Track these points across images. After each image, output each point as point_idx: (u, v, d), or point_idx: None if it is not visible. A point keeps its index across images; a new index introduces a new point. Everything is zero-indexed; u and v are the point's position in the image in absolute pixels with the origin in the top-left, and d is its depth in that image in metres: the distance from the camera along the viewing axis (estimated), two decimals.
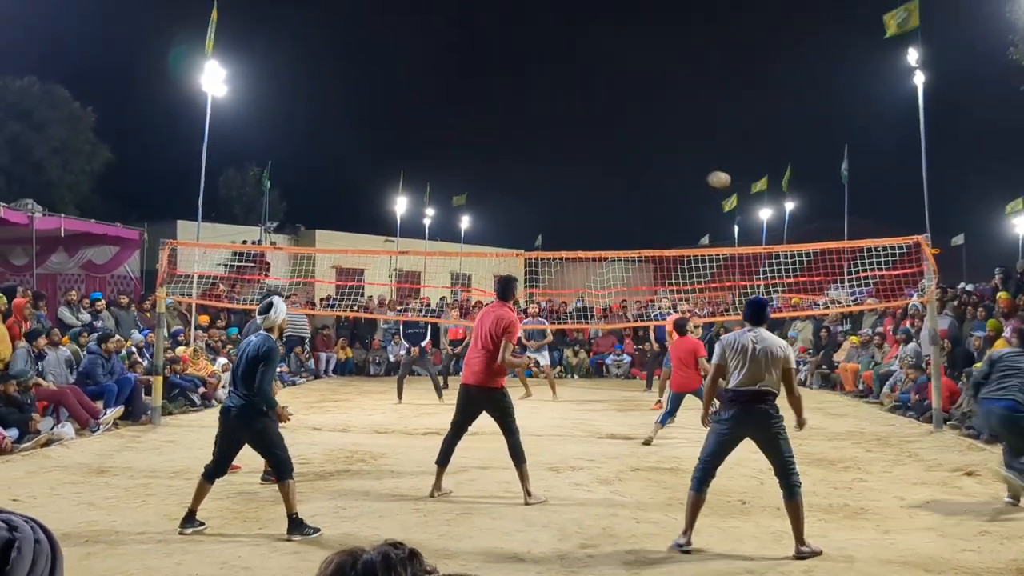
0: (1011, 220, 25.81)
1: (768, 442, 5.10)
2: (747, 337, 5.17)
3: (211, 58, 13.84)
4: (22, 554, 1.12)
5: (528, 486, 6.35)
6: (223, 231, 25.46)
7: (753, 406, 5.05)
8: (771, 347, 5.12)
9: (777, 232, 28.70)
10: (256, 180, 34.23)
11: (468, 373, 6.57)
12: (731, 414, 5.10)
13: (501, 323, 6.43)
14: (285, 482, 5.43)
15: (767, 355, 5.07)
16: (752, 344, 5.11)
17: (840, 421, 11.08)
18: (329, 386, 15.93)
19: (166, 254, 11.10)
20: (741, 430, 5.13)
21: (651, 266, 15.83)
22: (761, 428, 5.08)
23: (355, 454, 8.32)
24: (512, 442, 6.41)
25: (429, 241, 29.48)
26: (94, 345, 10.51)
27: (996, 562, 4.85)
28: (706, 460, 5.17)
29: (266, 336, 5.68)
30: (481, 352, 6.47)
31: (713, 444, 5.16)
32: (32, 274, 14.79)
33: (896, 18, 13.06)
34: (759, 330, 5.24)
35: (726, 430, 5.12)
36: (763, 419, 5.06)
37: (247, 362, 5.56)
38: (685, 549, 5.01)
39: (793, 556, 4.92)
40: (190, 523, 5.44)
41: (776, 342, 5.20)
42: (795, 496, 5.02)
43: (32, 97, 28.16)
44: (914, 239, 10.69)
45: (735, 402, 5.10)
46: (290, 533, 5.31)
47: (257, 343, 5.63)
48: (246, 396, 5.51)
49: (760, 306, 5.39)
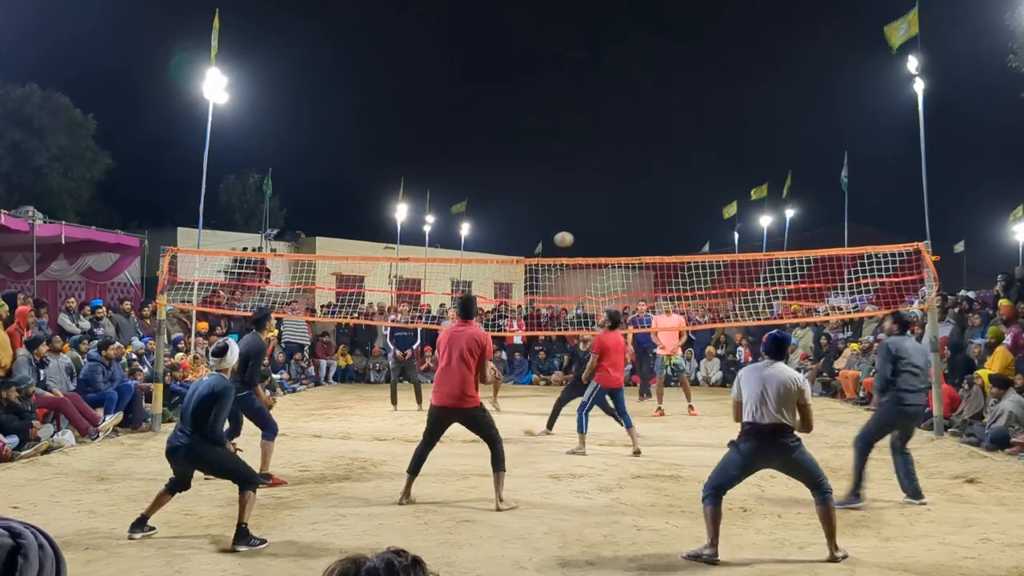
0: (1012, 227, 25.83)
1: (791, 468, 5.18)
2: (763, 372, 5.17)
3: (213, 65, 13.88)
4: (29, 560, 1.13)
5: (501, 492, 6.38)
6: (224, 238, 25.49)
7: (769, 440, 5.04)
8: (785, 382, 5.09)
9: (778, 239, 28.74)
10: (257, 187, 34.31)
11: (444, 395, 6.47)
12: (748, 447, 5.09)
13: (479, 341, 6.46)
14: (247, 493, 5.33)
15: (781, 390, 5.05)
16: (765, 378, 5.11)
17: (841, 428, 11.06)
18: (329, 393, 15.92)
19: (166, 261, 11.10)
20: (758, 462, 5.17)
21: (651, 273, 15.83)
22: (779, 459, 5.14)
23: (355, 461, 8.31)
24: (495, 451, 6.46)
25: (429, 248, 29.50)
26: (94, 352, 10.51)
27: (997, 570, 4.84)
28: (718, 481, 5.16)
29: (220, 376, 5.57)
30: (458, 370, 6.43)
31: (727, 469, 5.16)
32: (33, 281, 14.79)
33: (898, 30, 13.08)
34: (777, 364, 5.23)
35: (742, 461, 5.13)
36: (780, 451, 5.08)
37: (198, 400, 5.41)
38: (712, 560, 4.98)
39: (827, 559, 4.98)
40: (140, 528, 5.41)
41: (790, 376, 5.17)
42: (827, 502, 5.07)
43: (33, 104, 28.22)
44: (914, 246, 10.70)
45: (751, 436, 5.08)
46: (235, 543, 5.21)
47: (211, 383, 5.49)
48: (193, 435, 5.38)
49: (782, 342, 5.40)
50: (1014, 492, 6.96)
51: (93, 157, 30.40)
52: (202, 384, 5.53)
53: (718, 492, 5.15)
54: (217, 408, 5.36)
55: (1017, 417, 9.04)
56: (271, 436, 7.43)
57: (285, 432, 10.31)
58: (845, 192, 24.95)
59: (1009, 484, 7.26)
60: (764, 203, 28.81)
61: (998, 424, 9.08)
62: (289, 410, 12.89)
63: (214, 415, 5.35)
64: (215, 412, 5.35)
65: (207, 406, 5.36)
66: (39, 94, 28.48)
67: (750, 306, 13.63)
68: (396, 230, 27.00)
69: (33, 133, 28.10)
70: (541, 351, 18.57)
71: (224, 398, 5.42)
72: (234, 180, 38.01)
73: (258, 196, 33.79)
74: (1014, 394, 9.26)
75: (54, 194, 28.45)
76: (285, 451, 8.91)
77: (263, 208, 27.75)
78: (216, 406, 5.36)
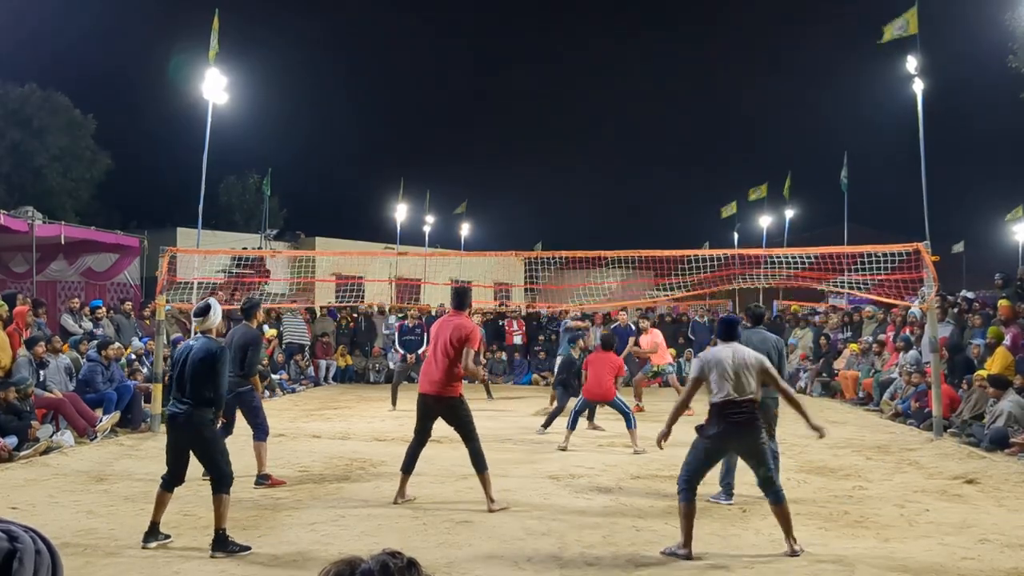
0: (1011, 227, 25.84)
1: (752, 453, 5.24)
2: (724, 352, 5.33)
3: (213, 66, 13.87)
4: (24, 565, 1.12)
5: (491, 492, 6.36)
6: (223, 238, 25.49)
7: (738, 418, 5.15)
8: (746, 357, 5.29)
9: (777, 239, 28.74)
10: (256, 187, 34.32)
11: (426, 382, 6.54)
12: (717, 430, 5.19)
13: (462, 331, 6.46)
14: (220, 496, 5.13)
15: (744, 366, 5.23)
16: (730, 357, 5.27)
17: (840, 429, 11.06)
18: (329, 393, 15.91)
19: (166, 261, 11.10)
20: (727, 443, 5.31)
21: (650, 271, 15.84)
22: (746, 440, 5.22)
23: (354, 462, 8.30)
24: (472, 448, 6.43)
25: (429, 248, 29.52)
26: (94, 352, 10.50)
27: (996, 570, 4.84)
28: (691, 473, 5.24)
29: (208, 339, 5.35)
30: (441, 360, 6.45)
31: (699, 457, 5.27)
32: (32, 281, 14.79)
33: (894, 27, 13.09)
34: (734, 344, 5.41)
35: (712, 445, 5.24)
36: (748, 431, 5.18)
37: (192, 367, 5.20)
38: (689, 558, 5.02)
39: (786, 553, 5.11)
40: (154, 536, 5.21)
41: (750, 352, 5.38)
42: (782, 501, 5.19)
43: (32, 104, 28.21)
44: (914, 246, 10.70)
45: (720, 416, 5.18)
46: (215, 549, 5.05)
47: (201, 347, 5.26)
48: (191, 403, 5.19)
49: (733, 324, 5.63)
50: (1013, 493, 6.96)
51: (93, 157, 30.40)
52: (192, 350, 5.27)
53: (692, 486, 5.21)
54: (216, 372, 5.17)
55: (1016, 417, 9.04)
56: (263, 437, 7.42)
57: (284, 432, 10.33)
58: (845, 192, 24.97)
59: (1008, 485, 7.26)
60: (764, 203, 28.83)
61: (997, 424, 9.07)
62: (288, 410, 12.88)
63: (216, 379, 5.17)
64: (216, 376, 5.18)
65: (201, 371, 5.16)
66: (39, 94, 28.48)
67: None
68: (396, 230, 27.03)
69: (33, 133, 28.10)
70: (541, 351, 18.56)
71: (221, 359, 5.22)
72: (234, 180, 38.02)
73: (258, 196, 33.81)
74: (1013, 394, 9.25)
75: (54, 194, 28.45)
76: (284, 451, 8.91)
77: (263, 208, 27.76)
78: (214, 370, 5.17)
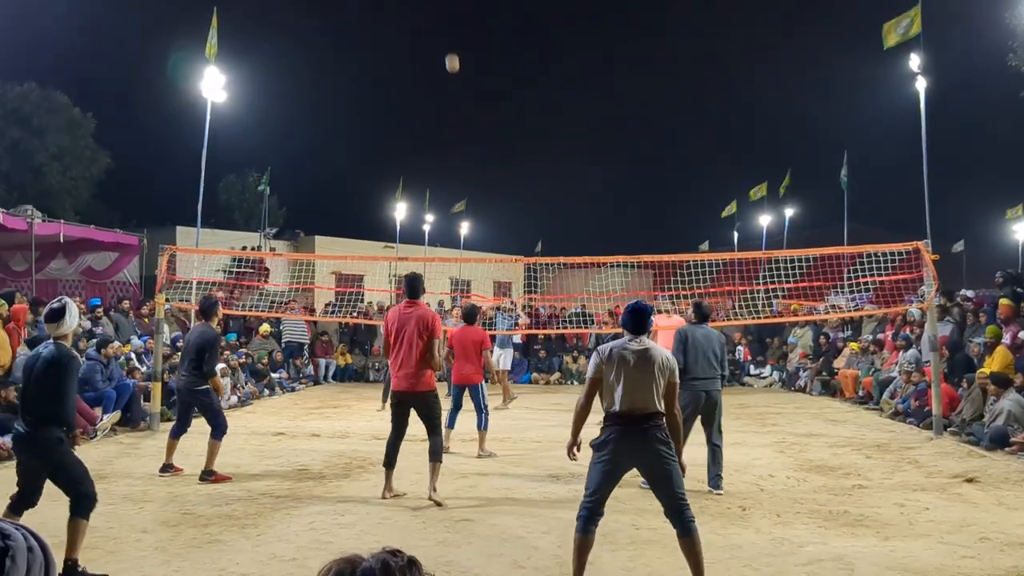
0: (1011, 226, 25.84)
1: (655, 472, 4.32)
2: (628, 347, 4.42)
3: (212, 64, 13.86)
4: (16, 563, 1.11)
5: (435, 482, 6.43)
6: (223, 237, 25.47)
7: (635, 429, 4.28)
8: (656, 358, 4.38)
9: (777, 238, 28.75)
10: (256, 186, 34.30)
11: (401, 379, 6.48)
12: (608, 438, 4.31)
13: (426, 322, 6.44)
14: (78, 520, 4.53)
15: (652, 368, 4.34)
16: (634, 355, 4.37)
17: (840, 428, 11.07)
18: (328, 392, 15.92)
19: (165, 260, 11.09)
20: (624, 458, 4.33)
21: (651, 272, 15.84)
22: (646, 456, 4.30)
23: (354, 460, 8.30)
24: (434, 443, 6.51)
25: (429, 247, 29.50)
26: (93, 351, 10.49)
27: (996, 569, 4.83)
28: (590, 496, 4.35)
29: (58, 345, 4.64)
30: (411, 354, 6.41)
31: (596, 477, 4.34)
32: (32, 280, 14.78)
33: (897, 27, 13.05)
34: (642, 338, 4.49)
35: (606, 458, 4.31)
36: (648, 445, 4.27)
37: (35, 380, 4.56)
38: None
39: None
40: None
41: (663, 352, 4.50)
42: (692, 532, 4.27)
43: (32, 103, 28.19)
44: (914, 245, 10.70)
45: (613, 425, 4.33)
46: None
47: (48, 355, 4.58)
48: (35, 423, 4.52)
49: (642, 313, 4.57)
50: (1013, 491, 6.95)
51: (92, 156, 30.39)
52: (39, 359, 4.63)
53: (591, 515, 4.34)
54: (63, 382, 4.54)
55: (1016, 416, 9.03)
56: (219, 436, 7.42)
57: (284, 431, 10.33)
58: (845, 191, 24.98)
59: (1008, 483, 7.26)
60: (764, 202, 28.83)
61: (997, 423, 9.07)
62: (288, 409, 12.89)
63: (59, 393, 4.52)
64: (61, 390, 4.53)
65: (45, 384, 4.54)
66: (38, 93, 28.46)
67: (749, 305, 13.63)
68: (396, 229, 27.02)
69: (32, 132, 28.08)
70: (541, 350, 18.56)
71: (68, 369, 4.57)
72: (233, 179, 38.01)
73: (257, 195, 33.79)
74: (1013, 393, 9.25)
75: (53, 193, 28.44)
76: (284, 450, 8.92)
77: (262, 207, 27.75)
78: (60, 380, 4.54)
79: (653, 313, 4.76)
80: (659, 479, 4.32)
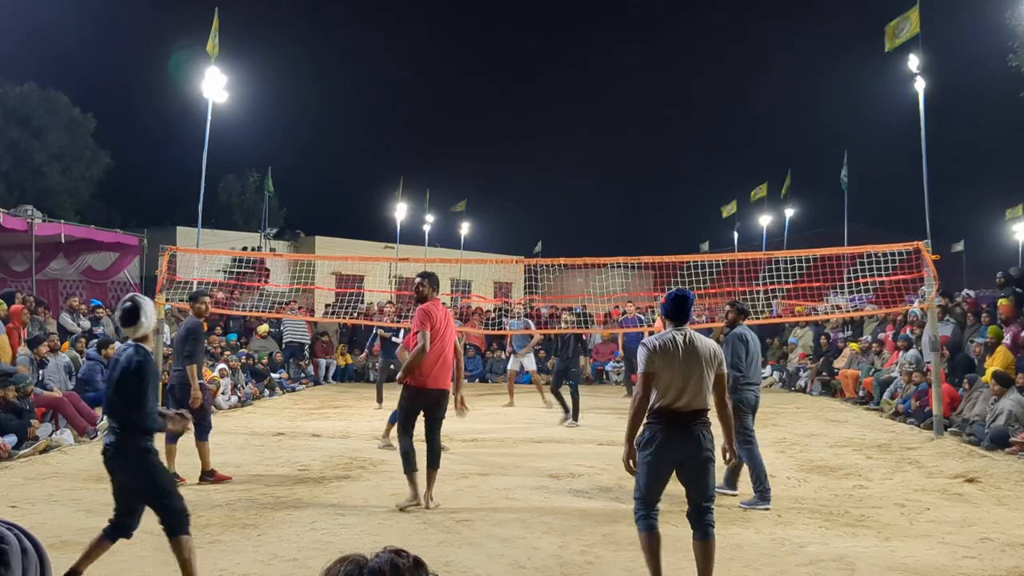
0: (1011, 226, 25.84)
1: (695, 472, 4.23)
2: (675, 338, 4.25)
3: (212, 64, 13.85)
4: (11, 567, 1.11)
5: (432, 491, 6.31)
6: (223, 237, 25.48)
7: (682, 428, 4.18)
8: (703, 349, 4.25)
9: (777, 239, 28.74)
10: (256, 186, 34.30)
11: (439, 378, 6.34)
12: (654, 436, 4.21)
13: (451, 320, 6.49)
14: (179, 538, 4.23)
15: (699, 360, 4.21)
16: (682, 348, 4.21)
17: (840, 428, 11.07)
18: (329, 392, 15.91)
19: (165, 260, 11.10)
20: (672, 456, 4.22)
21: (651, 272, 15.83)
22: (690, 455, 4.19)
23: (354, 460, 8.30)
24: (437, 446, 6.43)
25: (429, 248, 29.50)
26: (93, 351, 10.49)
27: (997, 569, 4.83)
28: (640, 497, 4.31)
29: (136, 347, 4.34)
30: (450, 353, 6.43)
31: (644, 477, 4.27)
32: (32, 280, 14.77)
33: (897, 29, 13.04)
34: (685, 328, 4.33)
35: (651, 458, 4.22)
36: (695, 444, 4.18)
37: (115, 386, 4.28)
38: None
39: None
40: None
41: (709, 342, 4.34)
42: (709, 537, 4.26)
43: (32, 103, 28.22)
44: (914, 245, 10.69)
45: (659, 422, 4.21)
46: None
47: (126, 359, 4.29)
48: (121, 431, 4.25)
49: (685, 300, 4.37)
50: (1014, 491, 6.95)
51: (92, 156, 30.41)
52: (117, 365, 4.37)
53: (649, 512, 4.29)
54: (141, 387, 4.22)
55: (1017, 416, 9.03)
56: (203, 436, 7.37)
57: (284, 431, 10.33)
58: (845, 192, 24.97)
59: (1009, 483, 7.25)
60: (764, 203, 28.83)
61: (998, 423, 9.07)
62: (288, 409, 12.88)
63: (139, 398, 4.21)
64: (139, 394, 4.21)
65: (126, 389, 4.25)
66: (38, 93, 28.49)
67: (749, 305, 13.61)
68: (396, 229, 27.02)
69: (32, 132, 28.10)
70: (541, 350, 18.52)
71: (145, 374, 4.24)
72: (234, 179, 38.03)
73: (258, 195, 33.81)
74: (1014, 393, 9.24)
75: (53, 193, 28.45)
76: (284, 450, 8.91)
77: (262, 207, 27.76)
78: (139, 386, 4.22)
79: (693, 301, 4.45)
80: (696, 479, 4.24)
